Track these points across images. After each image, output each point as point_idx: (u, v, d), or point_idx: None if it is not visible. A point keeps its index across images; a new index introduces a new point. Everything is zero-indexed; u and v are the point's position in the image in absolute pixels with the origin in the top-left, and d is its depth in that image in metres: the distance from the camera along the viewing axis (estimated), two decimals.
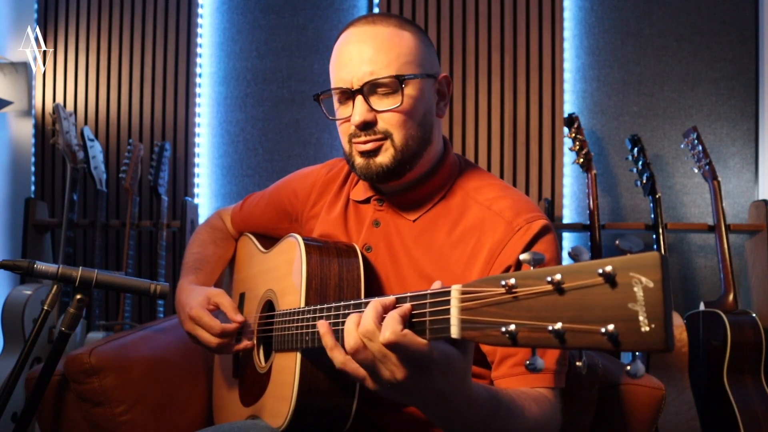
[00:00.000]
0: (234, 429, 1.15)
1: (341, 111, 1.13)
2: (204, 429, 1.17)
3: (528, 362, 0.66)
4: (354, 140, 1.11)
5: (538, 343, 0.62)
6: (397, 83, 1.07)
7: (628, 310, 0.55)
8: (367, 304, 0.88)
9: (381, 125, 1.09)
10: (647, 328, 0.54)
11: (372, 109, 1.08)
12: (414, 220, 1.15)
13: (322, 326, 0.87)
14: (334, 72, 1.12)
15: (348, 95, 1.10)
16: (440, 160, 1.18)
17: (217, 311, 1.23)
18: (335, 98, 1.14)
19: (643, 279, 0.54)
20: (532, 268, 0.65)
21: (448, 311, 0.73)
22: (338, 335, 0.95)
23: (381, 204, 1.19)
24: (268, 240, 1.38)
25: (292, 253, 1.15)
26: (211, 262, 1.43)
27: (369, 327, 0.77)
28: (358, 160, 1.12)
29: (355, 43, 1.10)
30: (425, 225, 1.15)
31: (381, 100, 1.08)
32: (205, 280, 1.38)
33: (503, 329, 0.65)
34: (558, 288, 0.61)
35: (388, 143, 1.09)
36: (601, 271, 0.57)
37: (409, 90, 1.08)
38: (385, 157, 1.10)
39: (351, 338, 0.79)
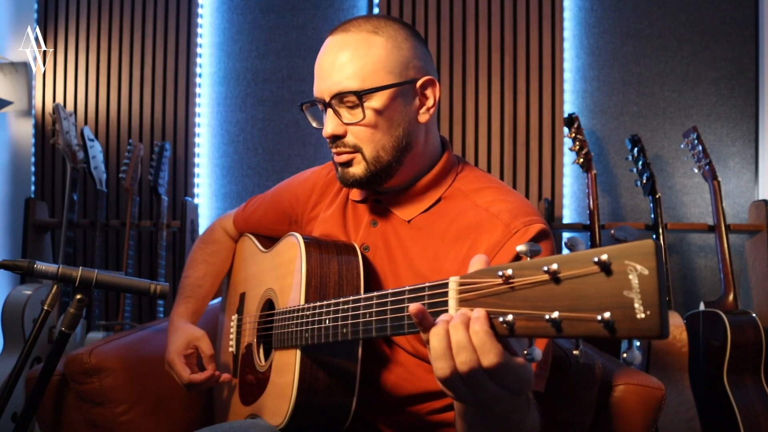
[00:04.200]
0: (234, 428, 1.15)
1: (325, 120, 1.13)
2: (204, 429, 1.17)
3: (526, 352, 0.66)
4: (332, 149, 1.13)
5: (536, 332, 0.63)
6: (358, 97, 1.06)
7: (623, 297, 0.55)
8: (367, 299, 0.88)
9: (350, 139, 1.09)
10: (642, 315, 0.54)
11: (343, 122, 1.08)
12: (410, 221, 1.15)
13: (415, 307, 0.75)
14: (314, 81, 1.13)
15: (324, 106, 1.11)
16: (436, 162, 1.17)
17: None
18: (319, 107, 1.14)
19: (638, 267, 0.55)
20: (529, 259, 0.65)
21: (446, 303, 0.74)
22: (336, 330, 0.95)
23: (378, 204, 1.19)
24: (269, 240, 1.38)
25: (292, 251, 1.15)
26: (203, 286, 1.46)
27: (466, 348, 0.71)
28: (337, 169, 1.15)
29: (326, 53, 1.10)
30: (422, 225, 1.14)
31: (348, 112, 1.08)
32: (196, 307, 1.43)
33: (501, 319, 0.65)
34: (554, 277, 0.61)
35: (359, 157, 1.10)
36: (596, 259, 0.57)
37: (374, 102, 1.06)
38: (357, 170, 1.11)
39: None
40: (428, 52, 1.15)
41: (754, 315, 2.25)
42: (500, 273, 0.66)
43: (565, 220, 2.75)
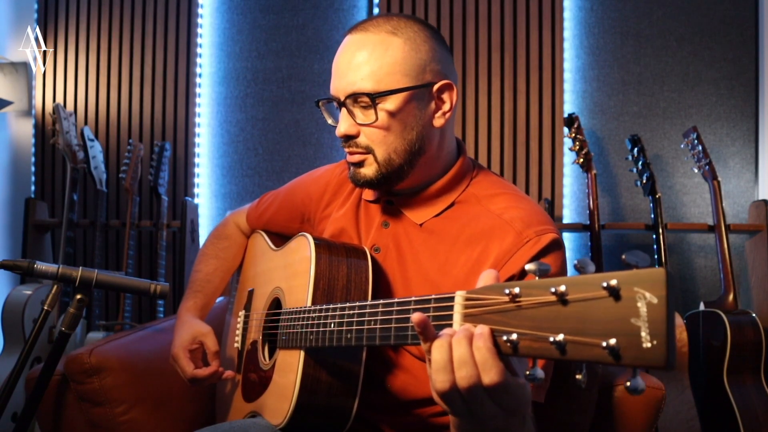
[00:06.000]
0: (234, 428, 1.15)
1: (340, 118, 1.12)
2: (204, 428, 1.17)
3: (528, 373, 0.65)
4: (345, 148, 1.12)
5: (539, 353, 0.62)
6: (371, 99, 1.05)
7: (630, 324, 0.55)
8: (373, 306, 0.88)
9: (362, 140, 1.08)
10: (649, 345, 0.54)
11: (356, 122, 1.08)
12: (422, 224, 1.14)
13: (417, 317, 0.73)
14: (331, 79, 1.11)
15: (339, 105, 1.10)
16: (451, 166, 1.16)
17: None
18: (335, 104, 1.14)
19: (647, 294, 0.54)
20: (537, 278, 0.65)
21: (450, 317, 0.73)
22: (341, 335, 0.95)
23: (390, 205, 1.18)
24: (280, 238, 1.38)
25: (302, 252, 1.15)
26: (212, 281, 1.46)
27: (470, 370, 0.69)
28: (349, 168, 1.14)
29: (344, 52, 1.09)
30: (433, 228, 1.14)
31: (362, 113, 1.07)
32: (205, 302, 1.44)
33: (505, 338, 0.65)
34: (561, 299, 0.60)
35: (371, 158, 1.09)
36: (605, 284, 0.56)
37: (388, 105, 1.05)
38: (369, 171, 1.10)
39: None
40: (449, 55, 1.13)
41: (754, 315, 2.25)
42: (507, 291, 0.65)
43: (565, 220, 2.75)
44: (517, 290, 0.64)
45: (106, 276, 1.30)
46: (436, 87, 1.09)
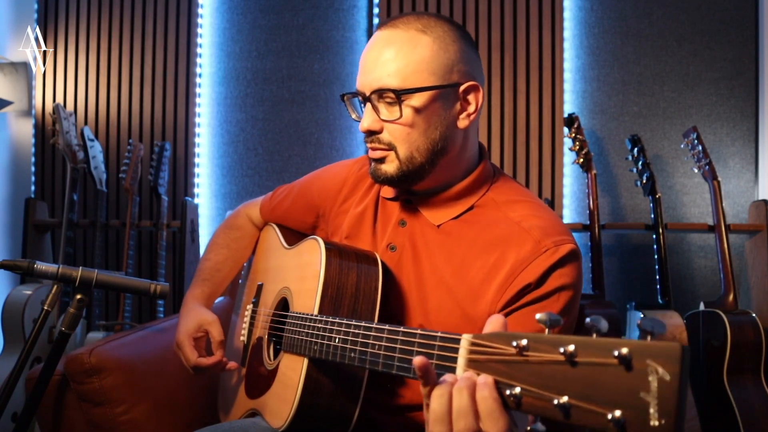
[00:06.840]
0: (234, 428, 1.15)
1: (364, 113, 1.12)
2: (204, 428, 1.17)
3: (529, 428, 0.63)
4: (367, 144, 1.12)
5: (542, 413, 0.60)
6: (396, 96, 1.04)
7: (639, 399, 0.53)
8: (378, 330, 0.88)
9: (385, 136, 1.08)
10: (656, 423, 0.51)
11: (380, 118, 1.07)
12: (439, 225, 1.14)
13: (419, 361, 0.72)
14: (358, 74, 1.11)
15: (364, 99, 1.09)
16: (473, 169, 1.15)
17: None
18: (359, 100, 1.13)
19: (660, 369, 0.52)
20: (547, 330, 0.63)
21: (454, 359, 0.72)
22: (345, 352, 0.95)
23: (409, 204, 1.18)
24: (292, 234, 1.38)
25: (313, 255, 1.14)
26: (222, 270, 1.46)
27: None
28: (371, 164, 1.13)
29: (372, 47, 1.08)
30: (450, 231, 1.13)
31: (386, 109, 1.07)
32: (213, 291, 1.43)
33: (508, 392, 0.63)
34: (570, 360, 0.58)
35: (393, 155, 1.09)
36: (617, 353, 0.55)
37: (413, 102, 1.05)
38: (390, 168, 1.10)
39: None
40: (477, 57, 1.13)
41: (754, 315, 2.25)
42: (515, 343, 0.63)
43: (565, 220, 2.75)
44: (524, 342, 0.63)
45: (106, 276, 1.30)
46: (462, 88, 1.08)
